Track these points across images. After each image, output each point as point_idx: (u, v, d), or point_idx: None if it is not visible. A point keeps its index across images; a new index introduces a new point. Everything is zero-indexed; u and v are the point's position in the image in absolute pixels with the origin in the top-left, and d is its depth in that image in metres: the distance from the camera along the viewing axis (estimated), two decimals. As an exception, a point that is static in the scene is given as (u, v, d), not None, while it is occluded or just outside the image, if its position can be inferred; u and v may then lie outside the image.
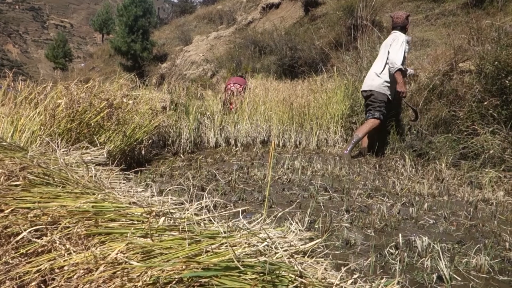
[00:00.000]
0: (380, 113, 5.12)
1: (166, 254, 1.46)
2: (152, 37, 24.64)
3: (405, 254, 2.15)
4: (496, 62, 4.58)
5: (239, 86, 7.49)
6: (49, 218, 1.72)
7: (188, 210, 1.97)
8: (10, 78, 4.27)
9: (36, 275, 1.50)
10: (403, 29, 5.27)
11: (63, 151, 3.03)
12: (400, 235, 2.35)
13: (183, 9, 31.61)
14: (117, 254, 1.43)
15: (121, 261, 1.40)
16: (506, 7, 10.08)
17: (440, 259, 2.03)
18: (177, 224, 1.74)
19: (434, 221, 2.84)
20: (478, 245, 2.36)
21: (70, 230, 1.64)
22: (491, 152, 4.21)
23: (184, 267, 1.31)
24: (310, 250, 1.77)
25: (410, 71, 5.54)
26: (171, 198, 2.22)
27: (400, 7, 13.81)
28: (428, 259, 2.10)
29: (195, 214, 1.95)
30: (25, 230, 1.65)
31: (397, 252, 2.20)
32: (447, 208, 3.14)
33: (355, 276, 1.54)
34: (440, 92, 5.33)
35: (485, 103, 4.54)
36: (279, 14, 20.85)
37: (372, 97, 5.20)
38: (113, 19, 37.41)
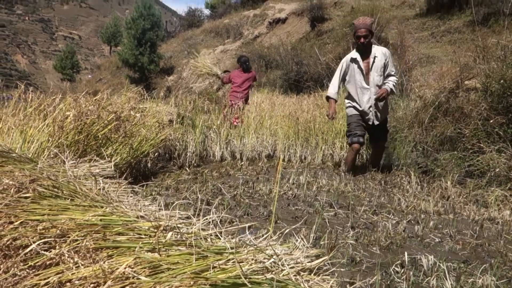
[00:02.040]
0: (352, 136, 4.83)
1: (173, 269, 1.47)
2: (159, 50, 24.84)
3: (411, 273, 2.14)
4: (502, 81, 4.60)
5: (243, 99, 7.52)
6: (57, 231, 1.74)
7: (195, 225, 1.98)
8: (21, 90, 4.32)
9: (45, 288, 1.52)
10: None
11: (72, 163, 3.06)
12: (405, 253, 2.34)
13: (190, 23, 31.89)
14: (125, 268, 1.45)
15: (129, 275, 1.41)
16: (512, 26, 10.11)
17: (446, 279, 2.03)
18: (184, 239, 1.75)
19: (439, 240, 2.84)
20: (484, 265, 2.35)
21: (78, 243, 1.66)
22: (497, 170, 4.20)
23: (192, 282, 1.32)
24: (316, 267, 1.78)
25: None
26: (178, 212, 2.24)
27: (406, 23, 13.89)
28: (433, 278, 2.09)
29: (202, 229, 1.97)
30: (34, 242, 1.67)
31: (402, 270, 2.20)
32: (453, 226, 3.13)
33: (361, 295, 1.55)
34: (446, 109, 5.34)
35: (491, 121, 4.55)
36: (286, 29, 21.01)
37: None
38: (121, 32, 37.87)
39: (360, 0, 17.54)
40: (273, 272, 1.51)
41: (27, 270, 1.65)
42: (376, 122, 4.88)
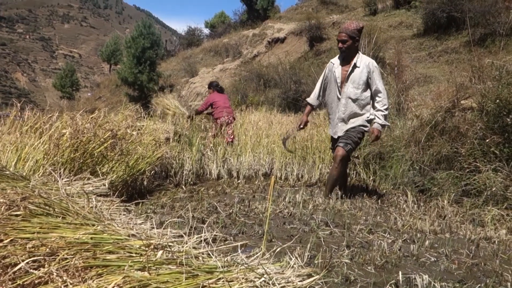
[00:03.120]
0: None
1: (162, 288, 1.46)
2: (158, 69, 24.98)
3: (405, 293, 2.12)
4: (497, 100, 4.62)
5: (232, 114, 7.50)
6: (47, 249, 1.72)
7: (186, 244, 1.96)
8: (17, 108, 4.33)
9: (32, 307, 1.50)
10: None
11: (65, 181, 3.05)
12: (400, 272, 2.32)
13: (190, 42, 32.20)
14: (113, 287, 1.43)
15: (117, 294, 1.39)
16: (508, 46, 10.24)
17: (440, 299, 2.01)
18: (175, 257, 1.73)
19: (435, 259, 2.82)
20: (480, 285, 2.33)
21: (68, 262, 1.64)
22: (493, 189, 4.19)
23: (179, 302, 1.30)
24: (308, 286, 1.76)
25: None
26: (170, 230, 2.22)
27: (403, 44, 14.05)
28: (428, 299, 2.07)
29: (193, 247, 1.95)
30: (23, 260, 1.65)
31: (397, 290, 2.17)
32: (448, 245, 3.11)
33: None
34: (442, 128, 5.35)
35: (487, 140, 4.56)
36: (284, 48, 21.22)
37: None
38: (121, 50, 38.10)
39: (358, 20, 17.72)
40: (263, 292, 1.50)
41: (15, 289, 1.63)
42: (340, 134, 4.45)
